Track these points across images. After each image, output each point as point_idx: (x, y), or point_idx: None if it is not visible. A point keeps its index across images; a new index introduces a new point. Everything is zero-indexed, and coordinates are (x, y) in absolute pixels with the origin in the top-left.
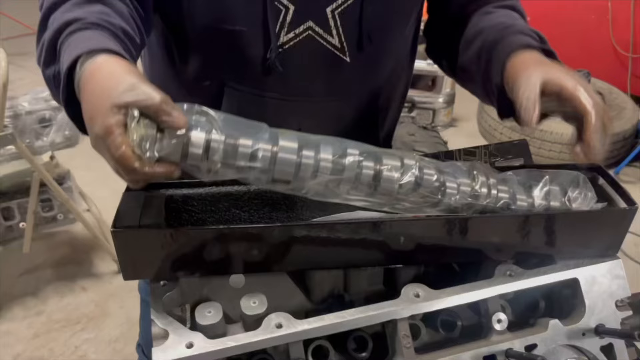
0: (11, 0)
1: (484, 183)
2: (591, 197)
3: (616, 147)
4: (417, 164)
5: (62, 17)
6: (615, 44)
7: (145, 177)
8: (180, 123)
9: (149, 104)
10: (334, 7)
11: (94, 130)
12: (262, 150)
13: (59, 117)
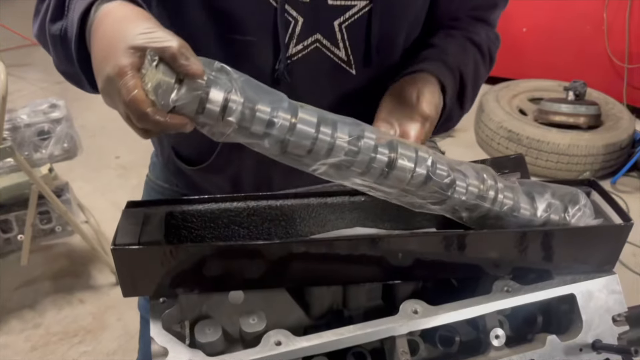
0: (9, 11)
1: (492, 186)
2: (589, 214)
3: (613, 157)
4: (430, 158)
5: None
6: (610, 55)
7: (156, 126)
8: (198, 70)
9: (166, 46)
10: (341, 20)
11: (106, 71)
12: (281, 118)
13: (57, 130)
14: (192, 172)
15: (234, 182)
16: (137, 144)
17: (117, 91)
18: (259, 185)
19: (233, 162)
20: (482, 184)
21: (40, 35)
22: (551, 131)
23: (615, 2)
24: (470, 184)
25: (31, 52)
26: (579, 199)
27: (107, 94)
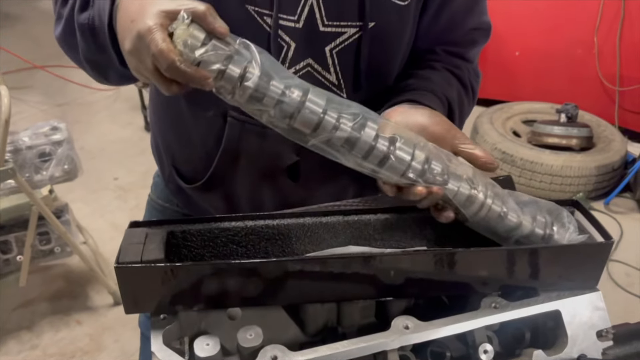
0: (10, 34)
1: (483, 192)
2: (573, 230)
3: (605, 178)
4: (426, 155)
5: None
6: (602, 78)
7: (182, 75)
8: (224, 29)
9: (196, 6)
10: (332, 46)
11: (136, 29)
12: (295, 92)
13: (58, 152)
14: (190, 190)
15: (228, 199)
16: (136, 165)
17: (146, 46)
18: (252, 203)
19: (227, 180)
20: (474, 189)
21: (64, 36)
22: (544, 153)
23: (605, 26)
24: (462, 187)
25: (32, 75)
26: (563, 216)
27: (135, 53)
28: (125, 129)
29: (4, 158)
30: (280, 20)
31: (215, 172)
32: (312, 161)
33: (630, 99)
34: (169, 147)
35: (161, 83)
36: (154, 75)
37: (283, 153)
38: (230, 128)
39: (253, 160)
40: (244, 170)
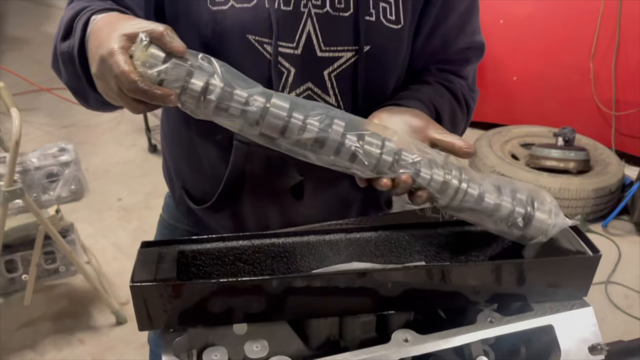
0: (16, 57)
1: (457, 177)
2: (555, 212)
3: (603, 200)
4: (396, 147)
5: (79, 4)
6: (598, 102)
7: (144, 95)
8: (181, 47)
9: (155, 27)
10: (330, 70)
11: (99, 53)
12: (257, 100)
13: (66, 172)
14: (200, 211)
15: (236, 219)
16: (139, 187)
17: (109, 68)
18: (259, 222)
19: (234, 200)
20: (448, 174)
21: (53, 64)
22: (542, 175)
23: (601, 52)
24: (435, 174)
25: (38, 97)
26: (544, 196)
27: (100, 76)
28: (129, 151)
29: (13, 178)
30: (279, 48)
31: (222, 193)
32: (315, 181)
33: (627, 123)
34: (180, 170)
35: (126, 103)
36: (120, 96)
37: (287, 173)
38: (236, 151)
39: (258, 181)
40: (250, 191)
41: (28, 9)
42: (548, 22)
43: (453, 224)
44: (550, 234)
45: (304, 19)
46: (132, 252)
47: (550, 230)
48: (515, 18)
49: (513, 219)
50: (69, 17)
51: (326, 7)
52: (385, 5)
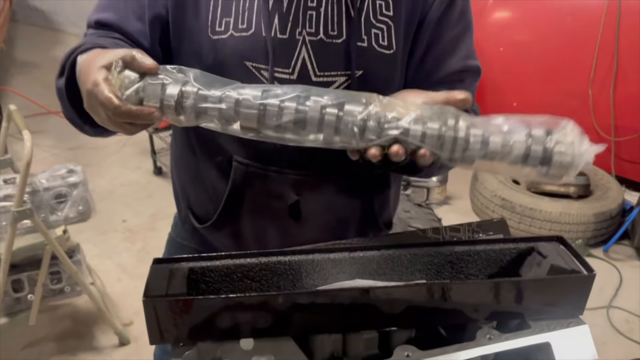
0: (25, 80)
1: (452, 127)
2: (578, 141)
3: (604, 225)
4: (378, 109)
5: (83, 40)
6: (597, 128)
7: (129, 115)
8: (152, 65)
9: (126, 54)
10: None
11: (86, 88)
12: (229, 96)
13: (74, 194)
14: (202, 229)
15: (236, 238)
16: (144, 208)
17: (95, 99)
18: (258, 241)
19: (234, 219)
20: (444, 125)
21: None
22: (543, 200)
23: (599, 79)
24: (429, 129)
25: (45, 120)
26: (563, 125)
27: (91, 108)
28: (134, 173)
29: (23, 199)
30: (275, 73)
31: (223, 212)
32: (312, 201)
33: (626, 148)
34: (185, 191)
35: (119, 127)
36: (111, 122)
37: (284, 193)
38: (235, 172)
39: (257, 200)
40: (249, 210)
41: (37, 34)
42: (547, 50)
43: (453, 244)
44: (577, 165)
45: (298, 46)
46: (136, 273)
47: (577, 161)
48: (515, 46)
49: (532, 160)
50: (64, 56)
51: (320, 35)
52: (377, 31)
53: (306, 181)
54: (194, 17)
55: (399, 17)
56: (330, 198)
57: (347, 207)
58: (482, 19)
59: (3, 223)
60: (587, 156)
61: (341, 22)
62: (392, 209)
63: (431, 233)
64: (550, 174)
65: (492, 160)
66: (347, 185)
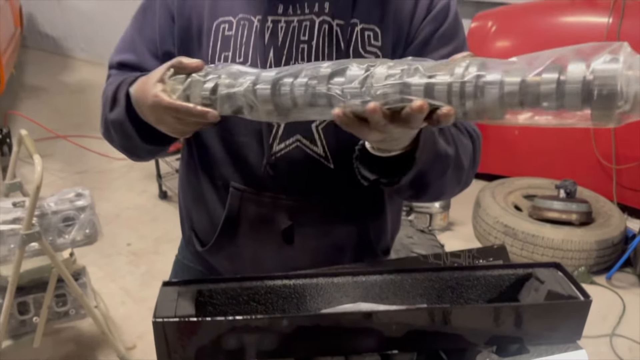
0: (34, 105)
1: (460, 70)
2: (627, 63)
3: (606, 252)
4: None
5: (116, 78)
6: (599, 157)
7: (184, 113)
8: (198, 64)
9: (172, 62)
10: (317, 123)
11: (147, 105)
12: (246, 80)
13: (81, 217)
14: (202, 252)
15: (233, 261)
16: (148, 232)
17: (159, 107)
18: (254, 264)
19: (231, 243)
20: (451, 74)
21: (106, 132)
22: (545, 227)
23: None
24: (438, 77)
25: (53, 144)
26: (609, 47)
27: (159, 120)
28: (140, 197)
29: (32, 222)
30: None
31: (220, 235)
32: (305, 226)
33: (627, 176)
34: (189, 213)
35: (186, 126)
36: (180, 124)
37: (277, 218)
38: (232, 197)
39: (252, 225)
40: (245, 234)
41: (46, 59)
42: None
43: (453, 269)
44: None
45: None
46: (139, 296)
47: (621, 81)
48: None
49: (569, 96)
50: (112, 92)
51: None
52: None
53: (299, 207)
54: (197, 52)
55: (387, 46)
56: (323, 224)
57: (341, 233)
58: (484, 47)
59: (11, 245)
60: (635, 76)
61: (332, 53)
62: (391, 236)
63: (432, 259)
64: (595, 115)
65: (520, 106)
66: (341, 212)
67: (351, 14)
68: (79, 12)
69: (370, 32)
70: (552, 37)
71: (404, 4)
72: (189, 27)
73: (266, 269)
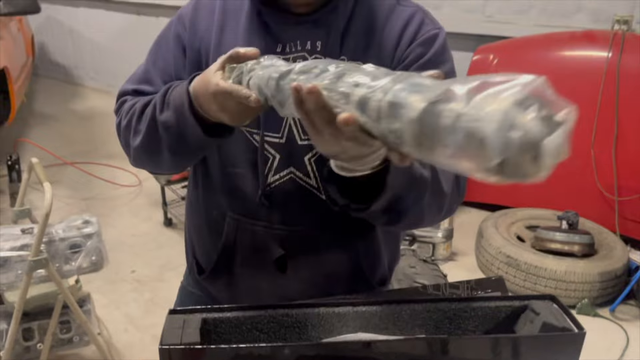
0: (43, 132)
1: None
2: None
3: (609, 284)
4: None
5: (140, 97)
6: (600, 188)
7: (237, 96)
8: (253, 52)
9: (231, 52)
10: (310, 156)
11: (209, 91)
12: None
13: (88, 244)
14: (201, 279)
15: (230, 288)
16: (153, 259)
17: (221, 94)
18: (250, 292)
19: (227, 270)
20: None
21: (144, 143)
22: (548, 258)
23: (600, 141)
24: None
25: (60, 171)
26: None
27: (222, 107)
28: (145, 224)
29: (40, 249)
30: (266, 137)
31: (217, 263)
32: (297, 255)
33: (630, 208)
34: (192, 241)
35: (249, 110)
36: (241, 108)
37: (270, 247)
38: (228, 226)
39: (247, 254)
40: (241, 262)
41: (57, 87)
42: None
43: (451, 300)
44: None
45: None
46: (142, 324)
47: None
48: None
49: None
50: (161, 94)
51: None
52: None
53: (292, 237)
54: None
55: None
56: (315, 254)
57: (333, 264)
58: None
59: (18, 272)
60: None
61: None
62: (388, 267)
63: (432, 289)
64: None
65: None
66: (332, 242)
67: (339, 50)
68: (90, 43)
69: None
70: (553, 70)
71: (389, 34)
72: (199, 60)
73: (262, 297)
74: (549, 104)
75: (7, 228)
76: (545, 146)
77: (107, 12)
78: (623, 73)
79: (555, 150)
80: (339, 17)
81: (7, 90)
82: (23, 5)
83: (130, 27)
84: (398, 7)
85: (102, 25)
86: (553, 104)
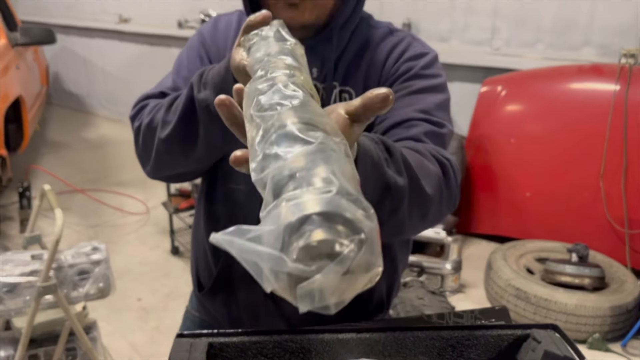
0: (55, 160)
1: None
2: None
3: (620, 319)
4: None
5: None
6: (611, 220)
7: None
8: (260, 19)
9: (243, 26)
10: None
11: (239, 70)
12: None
13: (96, 271)
14: (201, 297)
15: (229, 307)
16: (159, 287)
17: (236, 70)
18: (249, 312)
19: (226, 289)
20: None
21: (174, 134)
22: (558, 291)
23: (610, 173)
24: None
25: (70, 198)
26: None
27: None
28: (152, 252)
29: (49, 275)
30: None
31: (216, 281)
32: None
33: None
34: (196, 262)
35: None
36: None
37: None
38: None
39: (242, 275)
40: (237, 285)
41: (69, 116)
42: (558, 142)
43: (454, 329)
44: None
45: None
46: (147, 352)
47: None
48: (526, 138)
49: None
50: (196, 77)
51: None
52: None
53: None
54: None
55: None
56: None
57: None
58: (494, 111)
59: (27, 297)
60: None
61: None
62: (385, 291)
63: (436, 318)
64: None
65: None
66: None
67: (332, 77)
68: (103, 72)
69: (346, 94)
70: (560, 103)
71: (379, 55)
72: None
73: (260, 315)
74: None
75: (17, 254)
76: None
77: (120, 43)
78: (631, 105)
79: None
80: (333, 48)
81: (21, 119)
82: (39, 35)
83: (141, 58)
84: (390, 36)
85: (114, 55)
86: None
